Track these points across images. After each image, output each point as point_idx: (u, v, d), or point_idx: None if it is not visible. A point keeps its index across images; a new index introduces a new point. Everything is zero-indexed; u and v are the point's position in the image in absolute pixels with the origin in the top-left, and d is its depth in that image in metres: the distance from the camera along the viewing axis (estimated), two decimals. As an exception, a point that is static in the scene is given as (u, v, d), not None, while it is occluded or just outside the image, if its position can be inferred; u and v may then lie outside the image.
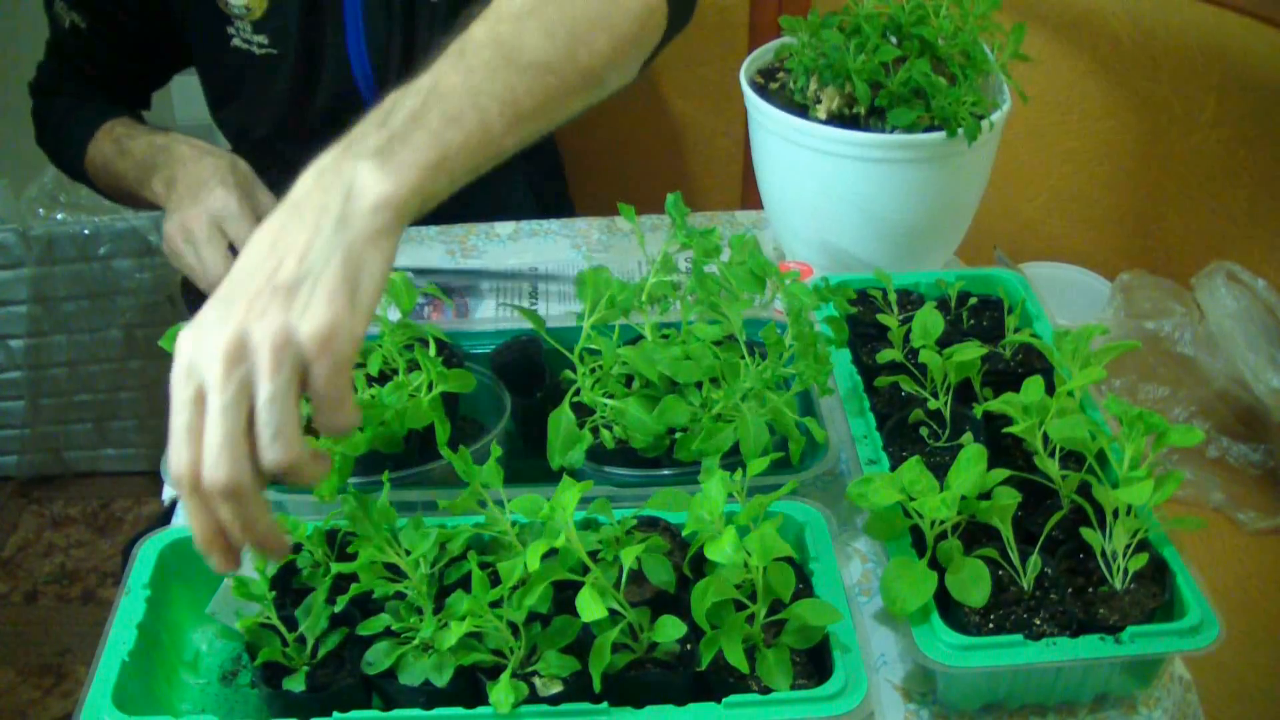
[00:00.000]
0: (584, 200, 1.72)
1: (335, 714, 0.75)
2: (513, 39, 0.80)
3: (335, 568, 0.78)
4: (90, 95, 1.37)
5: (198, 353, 0.66)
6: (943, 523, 0.80)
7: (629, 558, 0.74)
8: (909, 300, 1.09)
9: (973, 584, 0.78)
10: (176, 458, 0.66)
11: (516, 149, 0.80)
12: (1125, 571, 0.81)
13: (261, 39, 1.29)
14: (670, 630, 0.75)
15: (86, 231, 2.03)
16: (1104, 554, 0.82)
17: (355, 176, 0.70)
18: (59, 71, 1.38)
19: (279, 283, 0.67)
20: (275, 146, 1.22)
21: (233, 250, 1.15)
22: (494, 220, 1.39)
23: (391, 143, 0.72)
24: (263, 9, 1.27)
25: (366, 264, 0.69)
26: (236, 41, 1.29)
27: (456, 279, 1.28)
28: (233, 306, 0.67)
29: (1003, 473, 0.82)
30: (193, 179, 1.16)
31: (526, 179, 1.56)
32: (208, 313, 0.68)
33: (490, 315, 1.23)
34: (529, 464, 1.03)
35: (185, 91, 1.42)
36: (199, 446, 0.66)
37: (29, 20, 1.36)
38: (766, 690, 0.74)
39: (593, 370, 0.94)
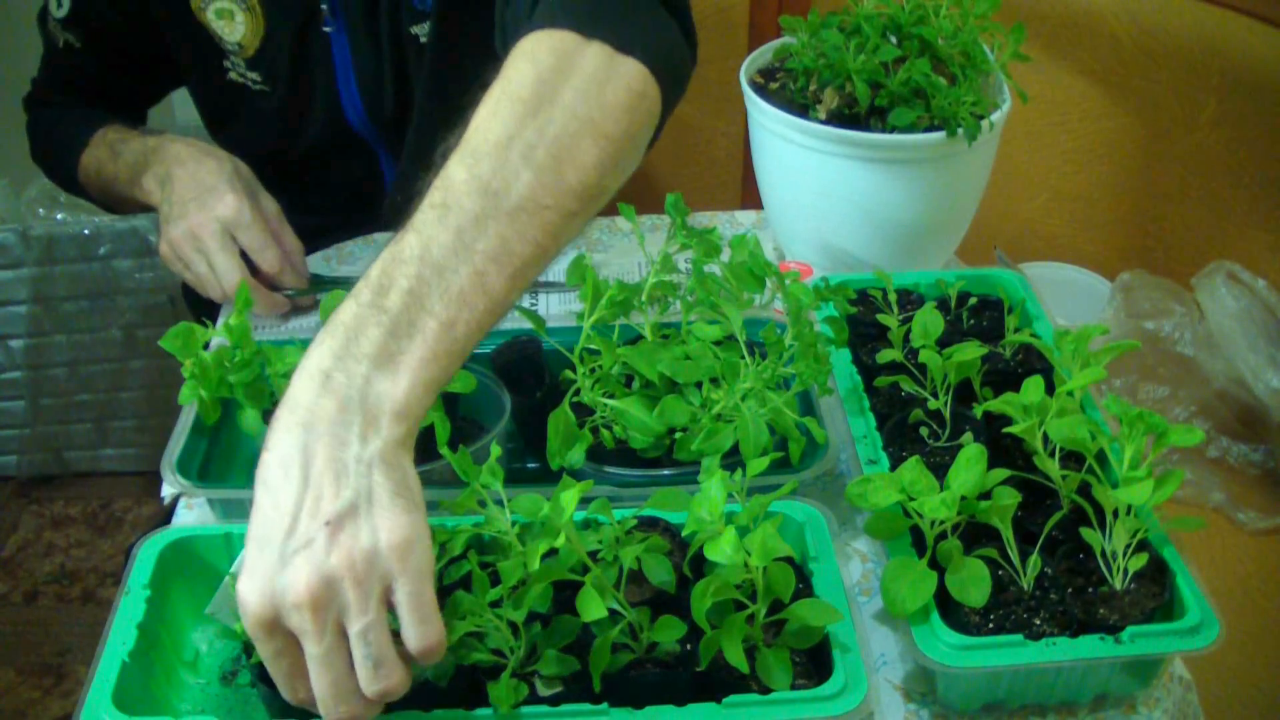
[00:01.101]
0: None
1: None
2: (495, 180, 0.73)
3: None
4: (85, 107, 1.36)
5: (275, 604, 0.64)
6: (943, 523, 0.80)
7: (629, 558, 0.74)
8: (909, 300, 1.09)
9: (973, 584, 0.78)
10: (291, 695, 0.68)
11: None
12: (1125, 571, 0.81)
13: (255, 75, 1.30)
14: (670, 630, 0.75)
15: (86, 231, 2.03)
16: (1104, 554, 0.82)
17: (367, 386, 0.67)
18: (53, 85, 1.37)
19: (330, 516, 0.64)
20: (266, 172, 1.22)
21: (245, 257, 1.14)
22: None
23: (395, 337, 0.68)
24: (255, 47, 1.27)
25: (405, 468, 0.67)
26: (233, 75, 1.30)
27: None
28: (289, 550, 0.64)
29: (1003, 473, 0.82)
30: (196, 182, 1.15)
31: None
32: (261, 561, 0.65)
33: (490, 315, 1.23)
34: (529, 464, 1.03)
35: (186, 92, 1.42)
36: (307, 687, 0.66)
37: (30, 22, 1.35)
38: (766, 690, 0.74)
39: (593, 370, 0.94)
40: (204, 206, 1.12)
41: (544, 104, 0.76)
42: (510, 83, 0.77)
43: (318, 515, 0.64)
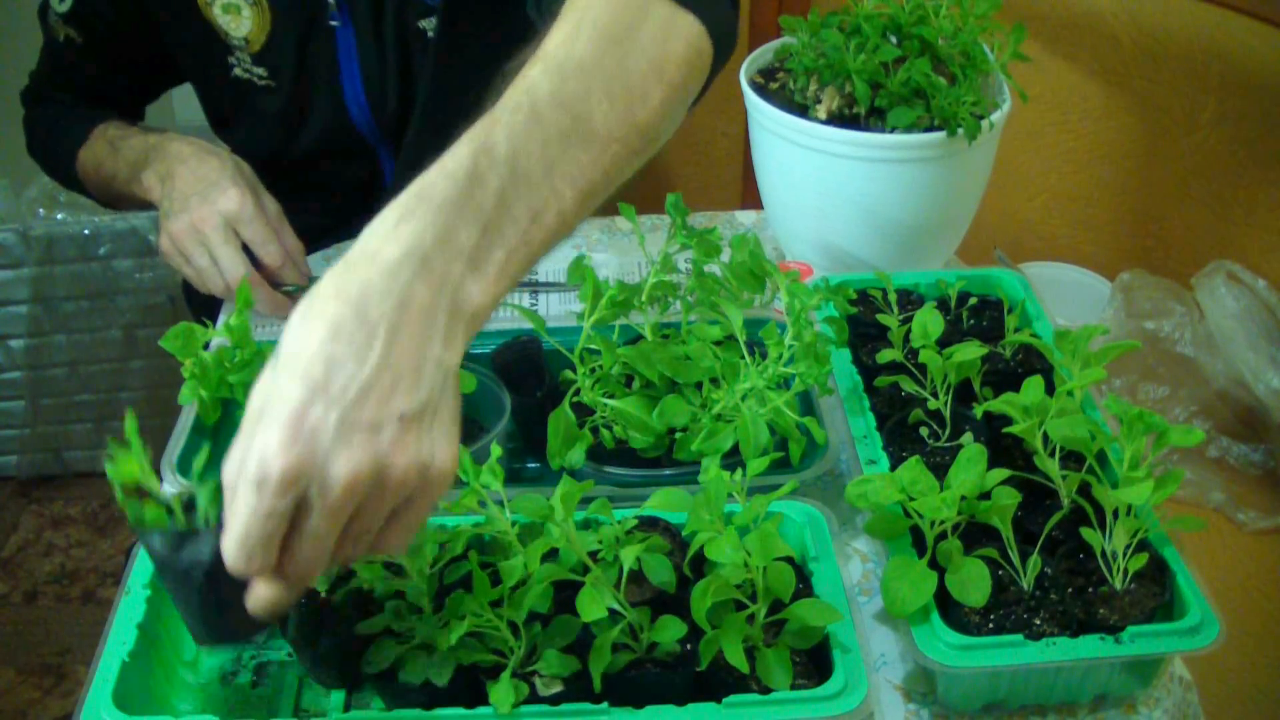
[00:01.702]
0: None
1: (334, 715, 0.75)
2: (579, 104, 0.72)
3: (339, 595, 0.78)
4: (84, 103, 1.36)
5: (311, 467, 0.60)
6: (943, 523, 0.80)
7: (629, 558, 0.74)
8: (909, 300, 1.09)
9: (973, 584, 0.78)
10: (242, 560, 0.62)
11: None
12: (1125, 571, 0.81)
13: (261, 70, 1.29)
14: (670, 630, 0.75)
15: (86, 231, 2.03)
16: (1104, 554, 0.82)
17: (460, 286, 0.65)
18: (52, 80, 1.37)
19: (404, 411, 0.61)
20: (267, 170, 1.22)
21: (247, 252, 1.14)
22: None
23: (487, 240, 0.66)
24: (261, 41, 1.27)
25: (457, 386, 0.66)
26: (238, 71, 1.29)
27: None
28: (353, 422, 0.60)
29: (1003, 473, 0.82)
30: (198, 178, 1.15)
31: None
32: (311, 414, 0.60)
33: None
34: (529, 464, 1.03)
35: (185, 92, 1.42)
36: (266, 557, 0.62)
37: (30, 20, 1.35)
38: (766, 690, 0.74)
39: (593, 370, 0.94)
40: (206, 200, 1.12)
41: (622, 39, 0.77)
42: (589, 11, 0.77)
43: (391, 403, 0.61)
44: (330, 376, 0.60)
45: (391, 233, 0.64)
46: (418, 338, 0.62)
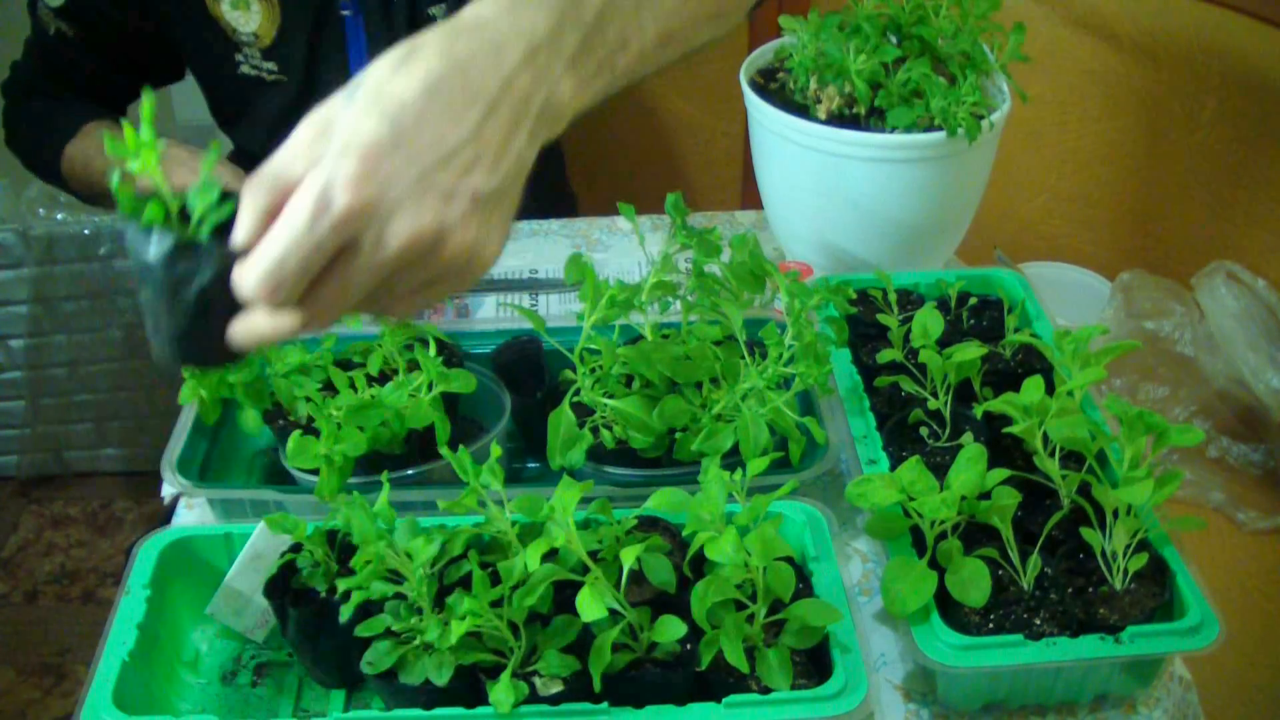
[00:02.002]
0: (584, 200, 1.72)
1: (334, 715, 0.75)
2: None
3: (342, 586, 0.78)
4: (74, 97, 1.34)
5: (380, 210, 0.59)
6: (943, 523, 0.80)
7: (629, 558, 0.74)
8: (909, 300, 1.09)
9: (973, 584, 0.78)
10: (263, 282, 0.59)
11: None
12: (1125, 571, 0.81)
13: (271, 65, 1.29)
14: (670, 630, 0.75)
15: (86, 231, 2.03)
16: (1104, 554, 0.82)
17: (557, 85, 0.65)
18: (41, 73, 1.34)
19: (478, 191, 0.61)
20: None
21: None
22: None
23: (585, 49, 0.66)
24: (271, 37, 1.26)
25: (523, 184, 0.65)
26: (245, 68, 1.29)
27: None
28: (430, 184, 0.59)
29: (1003, 473, 0.82)
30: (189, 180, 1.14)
31: (529, 176, 1.56)
32: (395, 159, 0.59)
33: (490, 315, 1.23)
34: (529, 464, 1.03)
35: (185, 92, 1.42)
36: (301, 288, 0.59)
37: (16, 10, 1.35)
38: (766, 690, 0.74)
39: (593, 370, 0.94)
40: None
41: None
42: None
43: (469, 177, 0.61)
44: (419, 130, 0.60)
45: (506, 13, 0.63)
46: (509, 122, 0.62)
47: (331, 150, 0.59)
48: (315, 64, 1.29)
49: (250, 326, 0.61)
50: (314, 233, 0.58)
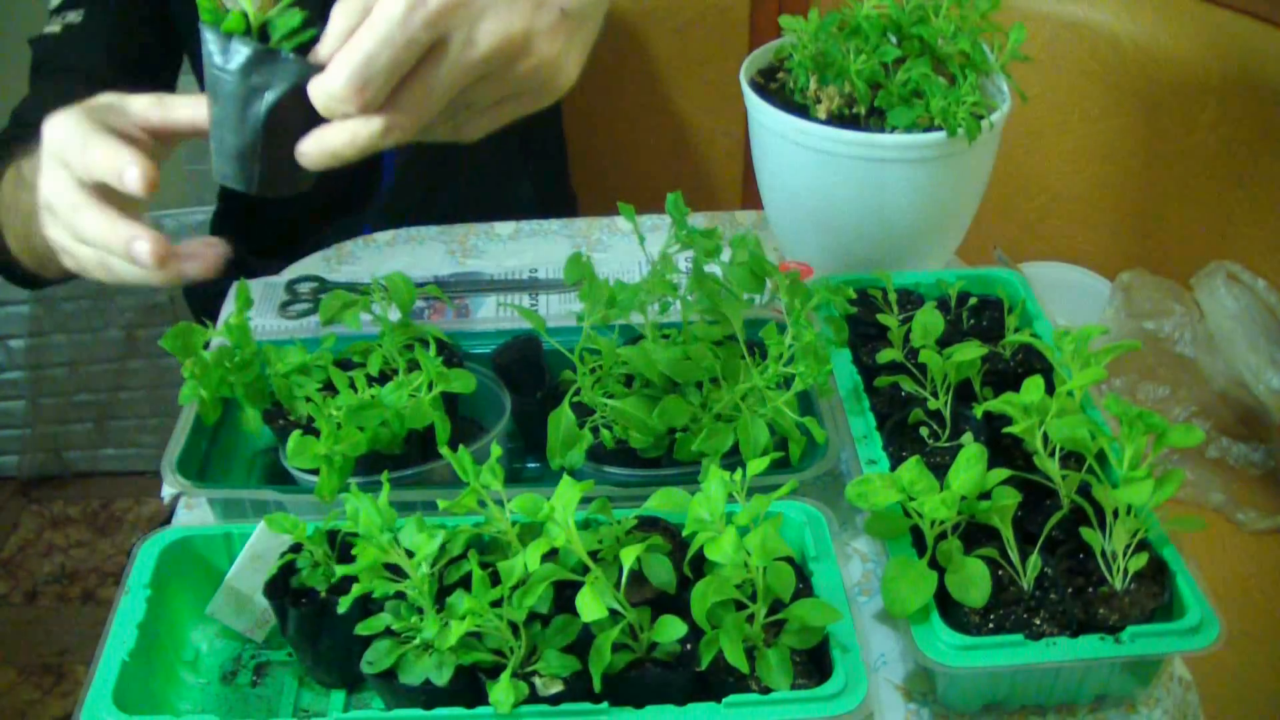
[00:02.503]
0: (583, 200, 1.72)
1: (334, 715, 0.76)
2: None
3: (341, 571, 0.78)
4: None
5: (465, 9, 0.59)
6: (943, 523, 0.80)
7: (629, 558, 0.74)
8: (909, 300, 1.09)
9: (973, 584, 0.78)
10: (350, 82, 0.59)
11: None
12: (1125, 571, 0.81)
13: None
14: (670, 630, 0.75)
15: (86, 231, 2.03)
16: (1104, 554, 0.82)
17: None
18: (47, 78, 1.20)
19: (565, 6, 0.62)
20: None
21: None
22: (497, 219, 1.39)
23: None
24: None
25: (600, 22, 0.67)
26: None
27: (456, 287, 1.28)
28: None
29: (1003, 473, 0.82)
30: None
31: (531, 176, 1.56)
32: None
33: (490, 315, 1.23)
34: (529, 464, 1.03)
35: (185, 93, 1.41)
36: (387, 90, 0.59)
37: (30, 23, 1.34)
38: (766, 690, 0.74)
39: (593, 370, 0.94)
40: (35, 189, 0.79)
41: None
42: None
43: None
44: None
45: None
46: None
47: None
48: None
49: (325, 137, 0.61)
50: (407, 26, 0.58)
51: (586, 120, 1.73)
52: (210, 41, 0.61)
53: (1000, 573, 0.82)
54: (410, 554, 0.77)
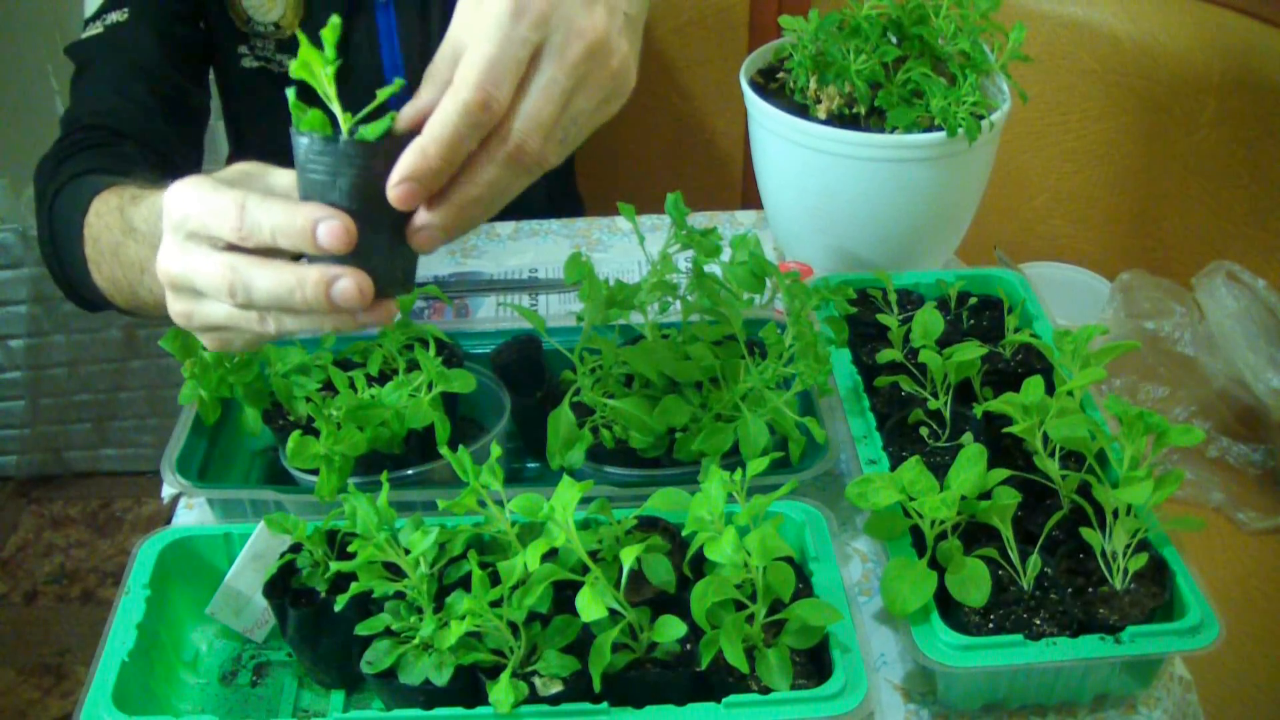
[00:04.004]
0: (584, 199, 1.72)
1: (334, 715, 0.75)
2: None
3: (335, 566, 0.78)
4: (100, 166, 1.05)
5: (561, 8, 0.63)
6: (943, 523, 0.80)
7: (629, 558, 0.74)
8: (909, 300, 1.09)
9: (973, 584, 0.78)
10: (482, 86, 0.62)
11: None
12: (1125, 571, 0.81)
13: (285, 58, 1.26)
14: (670, 630, 0.75)
15: (86, 231, 2.03)
16: (1104, 554, 0.82)
17: None
18: (78, 124, 1.12)
19: (627, 10, 0.66)
20: (285, 161, 1.18)
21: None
22: (498, 219, 1.38)
23: None
24: (295, 28, 1.24)
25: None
26: (248, 61, 1.27)
27: (456, 287, 1.28)
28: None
29: (1003, 473, 0.82)
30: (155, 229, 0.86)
31: (545, 179, 1.55)
32: None
33: (490, 315, 1.23)
34: (529, 464, 1.03)
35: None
36: (512, 88, 0.63)
37: (30, 22, 1.34)
38: (766, 690, 0.74)
39: (593, 370, 0.94)
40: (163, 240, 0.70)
41: None
42: None
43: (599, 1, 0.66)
44: None
45: None
46: None
47: None
48: (344, 57, 1.27)
49: (472, 186, 0.64)
50: (515, 31, 0.62)
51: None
52: (294, 142, 0.63)
53: (1000, 573, 0.82)
54: (409, 553, 0.77)
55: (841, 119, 1.14)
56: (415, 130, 0.63)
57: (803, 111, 1.15)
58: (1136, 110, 1.55)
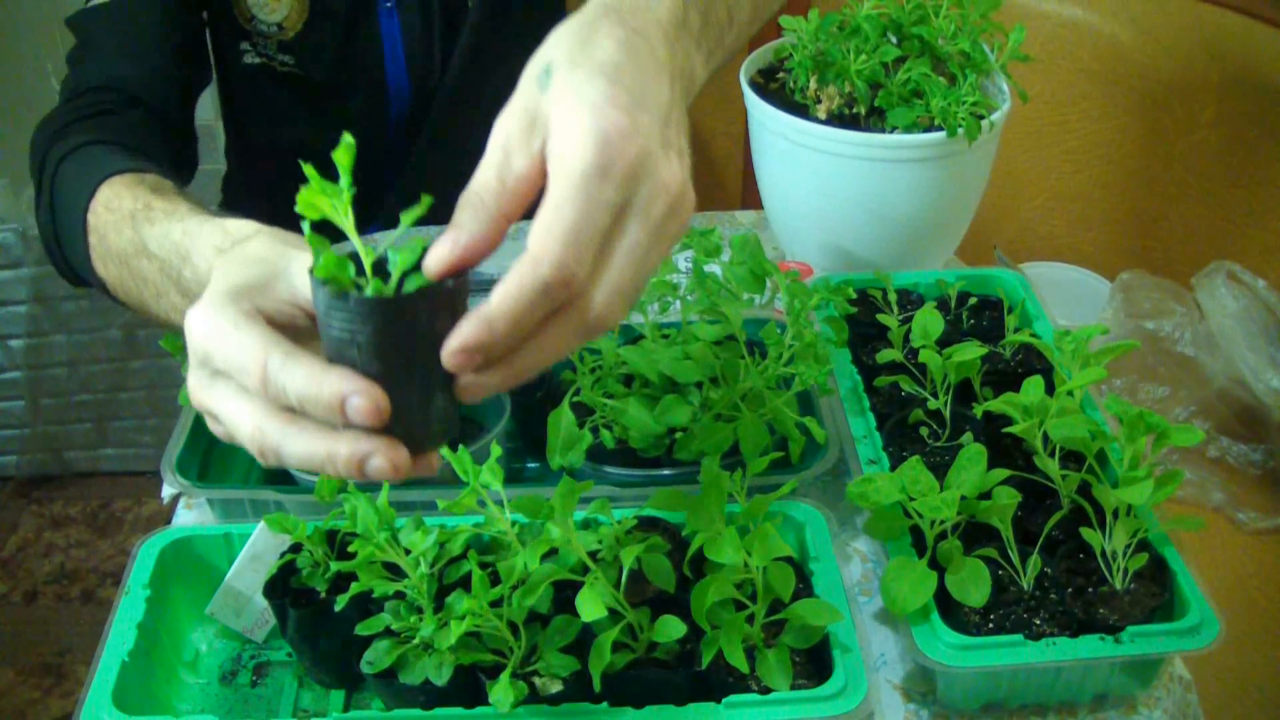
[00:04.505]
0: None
1: (334, 715, 0.75)
2: None
3: (335, 566, 0.78)
4: (105, 139, 1.03)
5: (645, 164, 0.57)
6: (943, 523, 0.80)
7: (629, 558, 0.74)
8: (909, 300, 1.09)
9: (973, 584, 0.78)
10: (567, 253, 0.54)
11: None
12: (1125, 571, 0.81)
13: (286, 58, 1.26)
14: (670, 630, 0.75)
15: (86, 231, 2.03)
16: (1104, 554, 0.82)
17: (692, 60, 0.67)
18: (81, 90, 1.09)
19: (681, 148, 0.61)
20: (271, 166, 1.18)
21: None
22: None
23: (705, 27, 0.70)
24: (297, 29, 1.24)
25: None
26: (250, 58, 1.27)
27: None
28: (665, 140, 0.58)
29: (1003, 473, 0.82)
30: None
31: None
32: (641, 110, 0.57)
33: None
34: (529, 464, 1.03)
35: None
36: (594, 253, 0.55)
37: (30, 22, 1.33)
38: (766, 690, 0.74)
39: (593, 370, 0.94)
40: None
41: None
42: None
43: (680, 136, 0.61)
44: (643, 89, 0.59)
45: (644, 2, 0.65)
46: (681, 90, 0.64)
47: (570, 120, 0.56)
48: (346, 59, 1.27)
49: (539, 346, 0.57)
50: (604, 191, 0.55)
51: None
52: (313, 289, 0.55)
53: (1000, 573, 0.82)
54: (409, 552, 0.77)
55: (841, 119, 1.14)
56: (449, 274, 0.56)
57: (803, 111, 1.15)
58: (1136, 110, 1.55)
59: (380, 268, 0.56)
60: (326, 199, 0.54)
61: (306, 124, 1.32)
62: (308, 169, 0.55)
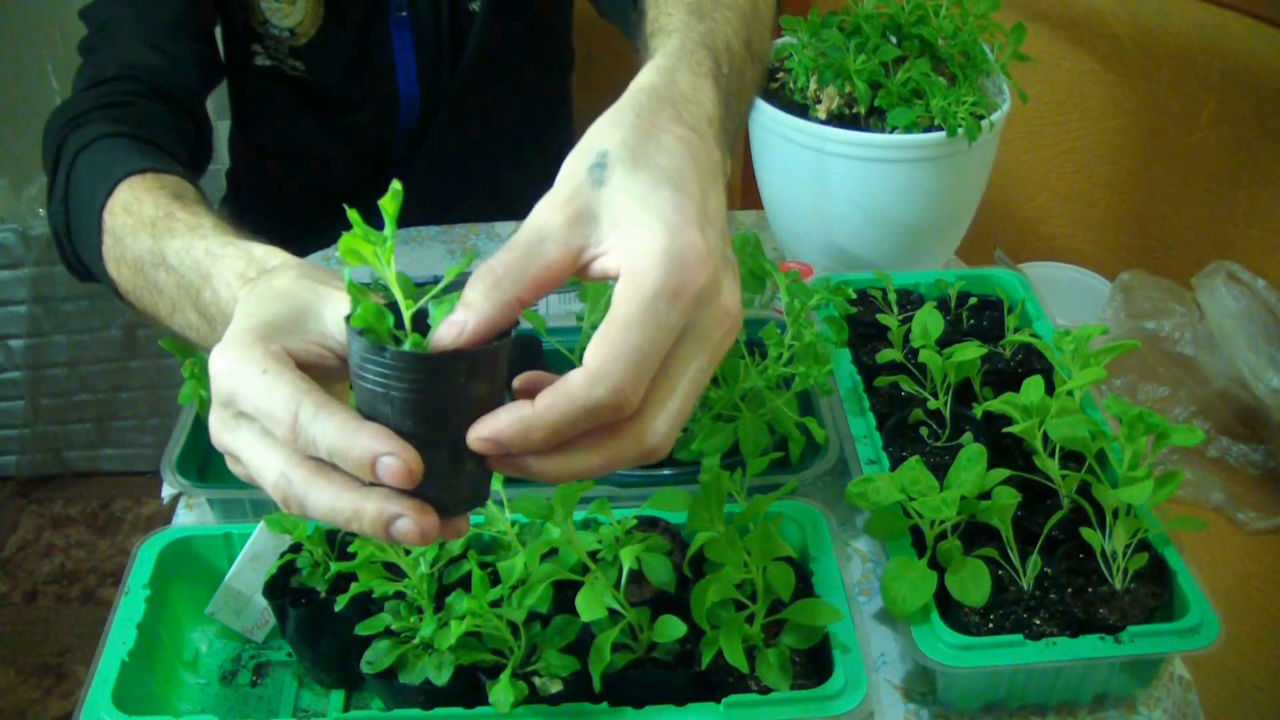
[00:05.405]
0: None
1: (334, 715, 0.75)
2: (745, 33, 0.78)
3: (335, 567, 0.78)
4: (125, 131, 0.99)
5: (716, 285, 0.54)
6: (943, 523, 0.80)
7: (629, 558, 0.74)
8: (909, 300, 1.09)
9: (973, 584, 0.78)
10: (623, 379, 0.52)
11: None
12: (1125, 571, 0.81)
13: (296, 63, 1.26)
14: (670, 630, 0.75)
15: (86, 231, 2.03)
16: (1104, 554, 0.82)
17: (716, 151, 0.63)
18: (98, 75, 1.07)
19: (727, 255, 0.57)
20: (286, 164, 1.18)
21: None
22: (498, 220, 1.39)
23: (726, 117, 0.67)
24: (310, 35, 1.24)
25: None
26: (261, 59, 1.27)
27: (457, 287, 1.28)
28: (726, 256, 0.56)
29: (1003, 473, 0.82)
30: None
31: (546, 178, 1.55)
32: (701, 224, 0.55)
33: (490, 315, 1.23)
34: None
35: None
36: (648, 379, 0.53)
37: (30, 22, 1.34)
38: (766, 690, 0.74)
39: (593, 370, 0.94)
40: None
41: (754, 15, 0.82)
42: None
43: (729, 245, 0.58)
44: (707, 201, 0.56)
45: (687, 84, 0.63)
46: (722, 188, 0.61)
47: (642, 234, 0.54)
48: (358, 69, 1.27)
49: (586, 458, 0.55)
50: (669, 317, 0.53)
51: (589, 122, 1.73)
52: (349, 337, 0.53)
53: (1000, 573, 0.82)
54: (408, 552, 0.77)
55: (841, 119, 1.14)
56: (482, 339, 0.55)
57: (803, 111, 1.15)
58: (1136, 110, 1.55)
59: (420, 321, 0.54)
60: (369, 246, 0.52)
61: (315, 128, 1.32)
62: (352, 214, 0.53)
